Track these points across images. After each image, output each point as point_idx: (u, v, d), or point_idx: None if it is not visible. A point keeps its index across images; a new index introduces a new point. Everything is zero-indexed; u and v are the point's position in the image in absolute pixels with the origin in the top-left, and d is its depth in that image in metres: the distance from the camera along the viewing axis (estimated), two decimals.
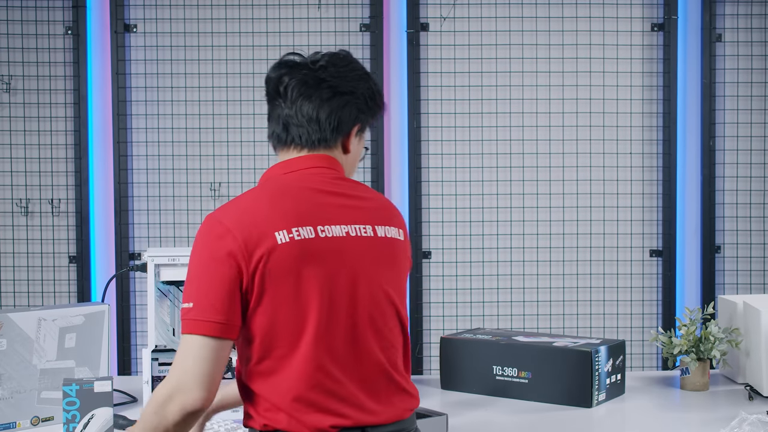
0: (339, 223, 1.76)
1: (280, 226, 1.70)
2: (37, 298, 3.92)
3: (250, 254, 1.67)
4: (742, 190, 3.98)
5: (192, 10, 3.91)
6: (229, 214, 1.71)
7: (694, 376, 2.73)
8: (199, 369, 1.66)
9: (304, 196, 1.77)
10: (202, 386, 1.66)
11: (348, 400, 1.72)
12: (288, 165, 1.87)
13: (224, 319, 1.66)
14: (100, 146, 3.93)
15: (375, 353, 1.77)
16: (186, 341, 1.67)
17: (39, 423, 2.39)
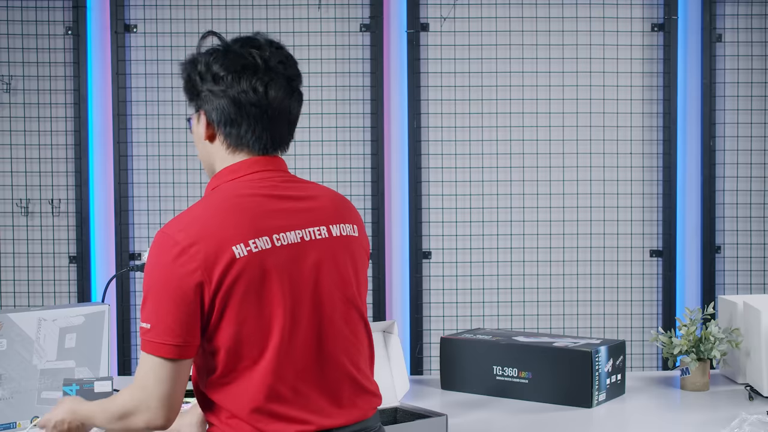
0: (293, 229, 1.73)
1: (237, 240, 1.66)
2: (38, 299, 3.92)
3: (209, 272, 1.63)
4: (743, 190, 3.98)
5: (192, 10, 3.91)
6: (183, 231, 1.66)
7: (694, 376, 2.73)
8: (159, 390, 1.65)
9: (256, 204, 1.73)
10: (163, 406, 1.66)
11: (309, 407, 1.71)
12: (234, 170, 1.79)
13: (181, 341, 1.64)
14: (100, 146, 3.93)
15: (338, 358, 1.76)
16: (146, 360, 1.66)
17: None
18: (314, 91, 3.91)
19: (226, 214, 1.70)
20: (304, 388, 1.71)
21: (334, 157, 3.93)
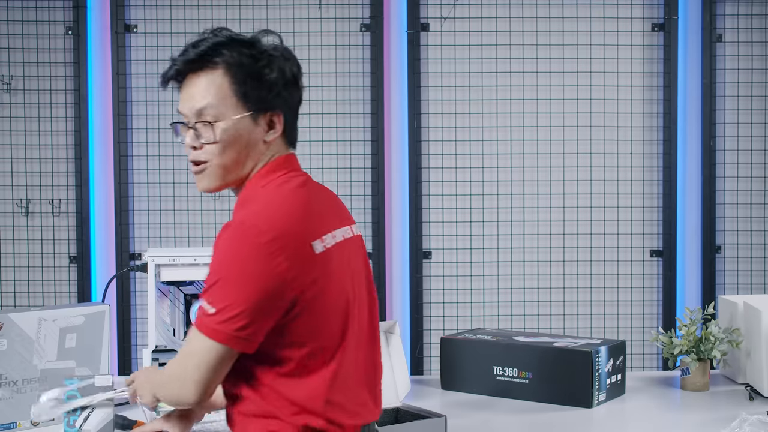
0: (339, 227, 1.75)
1: (314, 235, 1.66)
2: (38, 299, 3.92)
3: (294, 266, 1.61)
4: (743, 190, 3.98)
5: (192, 10, 3.91)
6: (267, 223, 1.61)
7: (694, 376, 2.73)
8: (201, 375, 1.62)
9: (316, 201, 1.73)
10: (198, 392, 1.64)
11: (359, 401, 1.75)
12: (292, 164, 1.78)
13: (249, 334, 1.60)
14: (101, 146, 3.93)
15: (376, 355, 1.82)
16: (200, 342, 1.61)
17: (39, 423, 2.39)
18: (314, 91, 3.91)
19: (301, 209, 1.67)
20: (357, 382, 1.75)
21: (334, 157, 3.93)
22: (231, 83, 1.69)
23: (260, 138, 1.72)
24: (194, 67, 1.73)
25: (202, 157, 1.71)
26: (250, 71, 1.70)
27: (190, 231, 3.92)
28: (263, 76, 1.70)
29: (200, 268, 2.52)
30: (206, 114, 1.70)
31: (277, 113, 1.73)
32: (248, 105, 1.70)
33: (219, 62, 1.70)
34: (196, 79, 1.73)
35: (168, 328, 2.64)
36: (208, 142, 1.70)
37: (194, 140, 1.71)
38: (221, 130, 1.69)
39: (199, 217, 3.92)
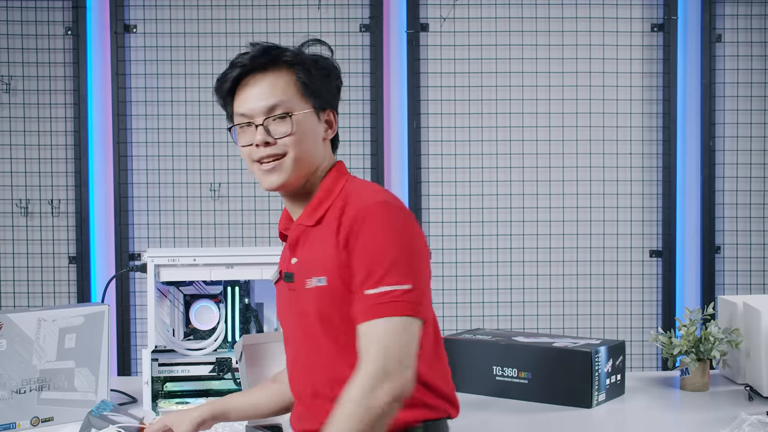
0: None
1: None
2: (37, 299, 3.92)
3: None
4: (742, 190, 3.98)
5: (192, 10, 3.91)
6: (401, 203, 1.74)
7: (694, 376, 2.73)
8: (414, 359, 1.59)
9: None
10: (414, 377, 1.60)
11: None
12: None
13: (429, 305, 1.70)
14: (100, 147, 3.93)
15: None
16: (402, 324, 1.58)
17: (39, 423, 2.39)
18: None
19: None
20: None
21: None
22: (296, 80, 1.76)
23: (321, 135, 1.79)
24: (259, 67, 1.76)
25: (279, 150, 1.74)
26: (312, 69, 1.77)
27: (190, 231, 3.92)
28: (323, 75, 1.78)
29: (200, 268, 2.52)
30: (279, 109, 1.74)
31: (334, 112, 1.81)
32: (312, 101, 1.76)
33: (284, 60, 1.76)
34: (262, 78, 1.77)
35: (168, 328, 2.64)
36: (284, 135, 1.74)
37: (266, 136, 1.74)
38: (296, 123, 1.74)
39: (199, 217, 3.92)
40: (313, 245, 1.75)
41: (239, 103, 1.78)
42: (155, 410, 2.46)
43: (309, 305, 1.73)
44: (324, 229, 1.74)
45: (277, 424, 2.17)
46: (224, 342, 2.66)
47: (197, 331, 2.66)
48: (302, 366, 1.80)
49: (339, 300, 1.68)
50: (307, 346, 1.76)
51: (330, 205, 1.75)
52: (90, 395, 2.47)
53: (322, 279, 1.70)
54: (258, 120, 1.74)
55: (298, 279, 1.77)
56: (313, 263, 1.73)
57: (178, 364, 2.56)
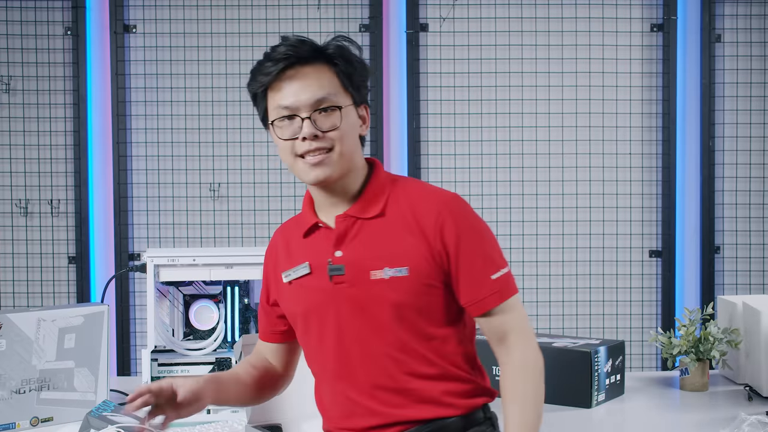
0: None
1: None
2: (37, 299, 3.92)
3: None
4: (742, 190, 3.98)
5: (191, 10, 3.91)
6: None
7: (693, 376, 2.73)
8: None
9: None
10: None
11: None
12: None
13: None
14: (100, 147, 3.93)
15: None
16: (518, 301, 1.77)
17: (38, 423, 2.39)
18: None
19: None
20: None
21: None
22: (338, 74, 1.75)
23: (358, 130, 1.79)
24: (302, 60, 1.74)
25: (326, 144, 1.73)
26: (351, 63, 1.76)
27: (189, 231, 3.92)
28: (360, 72, 1.78)
29: (199, 268, 2.52)
30: (326, 102, 1.73)
31: (367, 107, 1.82)
32: (353, 95, 1.77)
33: (326, 55, 1.75)
34: (305, 71, 1.74)
35: (167, 328, 2.64)
36: (332, 128, 1.73)
37: (313, 128, 1.72)
38: (343, 117, 1.74)
39: (198, 217, 3.92)
40: (377, 238, 1.75)
41: (280, 96, 1.75)
42: None
43: (379, 296, 1.73)
44: (391, 222, 1.75)
45: (277, 424, 2.17)
46: (224, 342, 2.66)
47: (197, 331, 2.66)
48: (362, 360, 1.76)
49: (422, 289, 1.73)
50: (374, 338, 1.75)
51: (386, 198, 1.77)
52: (89, 395, 2.47)
53: (401, 270, 1.72)
54: (304, 113, 1.73)
55: (357, 271, 1.75)
56: (383, 255, 1.74)
57: (178, 364, 2.56)
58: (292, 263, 1.83)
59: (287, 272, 1.83)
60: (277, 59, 1.74)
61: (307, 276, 1.81)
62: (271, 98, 1.77)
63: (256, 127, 3.92)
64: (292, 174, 3.92)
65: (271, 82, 1.75)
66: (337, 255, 1.76)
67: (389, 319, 1.73)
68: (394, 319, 1.73)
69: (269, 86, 1.76)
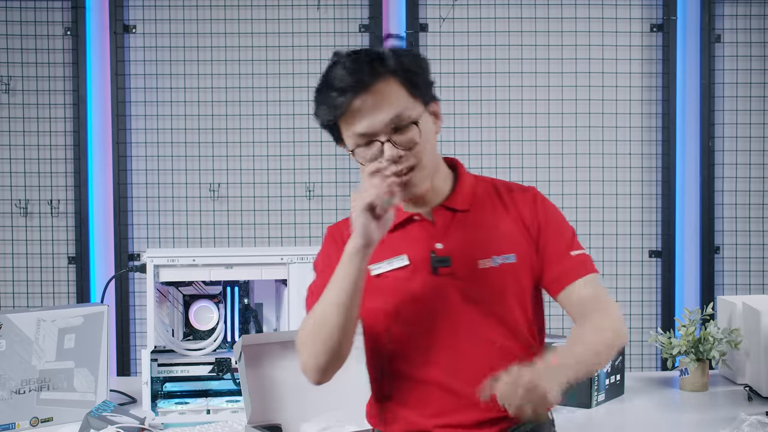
0: None
1: None
2: (36, 299, 3.92)
3: None
4: (742, 190, 3.98)
5: (191, 10, 3.91)
6: None
7: (693, 376, 2.73)
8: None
9: None
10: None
11: None
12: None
13: None
14: (100, 147, 3.93)
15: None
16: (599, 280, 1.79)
17: (38, 424, 2.39)
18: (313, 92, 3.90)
19: None
20: None
21: (333, 157, 3.93)
22: (403, 85, 1.72)
23: (433, 130, 1.77)
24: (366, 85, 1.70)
25: (412, 161, 1.71)
26: (413, 69, 1.74)
27: (189, 231, 3.92)
28: (422, 71, 1.76)
29: (199, 268, 2.52)
30: (400, 120, 1.70)
31: (437, 102, 1.79)
32: (421, 99, 1.74)
33: (386, 72, 1.71)
34: (369, 92, 1.70)
35: (167, 328, 2.64)
36: (412, 144, 1.70)
37: (395, 150, 1.69)
38: (419, 130, 1.71)
39: (198, 217, 3.92)
40: (478, 227, 1.77)
41: (354, 125, 1.71)
42: (155, 410, 2.46)
43: (491, 285, 1.73)
44: (489, 212, 1.79)
45: (276, 424, 2.17)
46: (223, 342, 2.66)
47: (196, 332, 2.66)
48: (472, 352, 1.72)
49: (527, 274, 1.77)
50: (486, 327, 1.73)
51: (478, 190, 1.81)
52: (89, 395, 2.47)
53: (510, 256, 1.75)
54: (382, 137, 1.70)
55: (464, 262, 1.74)
56: (488, 244, 1.75)
57: (178, 364, 2.56)
58: (380, 256, 1.75)
59: (378, 264, 1.76)
60: (342, 89, 1.71)
61: (402, 269, 1.76)
62: (345, 127, 1.74)
63: (256, 128, 3.92)
64: (291, 174, 3.93)
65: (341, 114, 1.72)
66: (439, 247, 1.75)
67: (504, 306, 1.74)
68: (505, 307, 1.74)
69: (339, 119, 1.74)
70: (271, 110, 3.92)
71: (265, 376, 2.19)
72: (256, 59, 3.92)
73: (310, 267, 2.52)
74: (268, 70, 3.92)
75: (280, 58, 3.92)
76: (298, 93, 3.92)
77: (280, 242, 3.92)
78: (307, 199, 3.93)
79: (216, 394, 2.58)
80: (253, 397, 2.15)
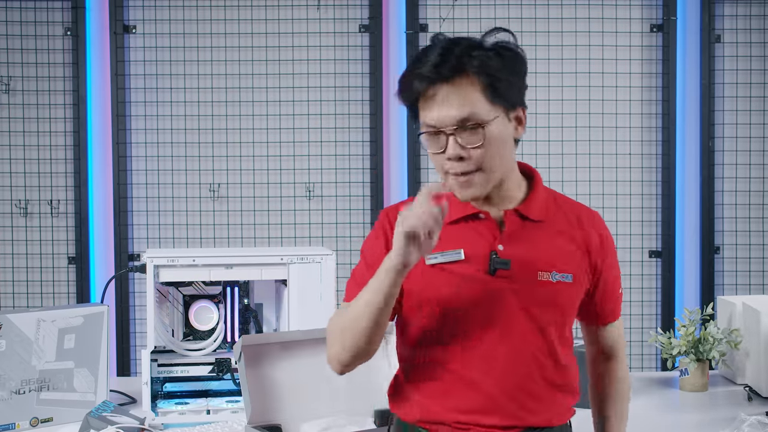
0: None
1: None
2: (36, 299, 3.92)
3: None
4: (742, 190, 3.98)
5: (191, 11, 3.91)
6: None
7: (693, 376, 2.73)
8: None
9: None
10: None
11: None
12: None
13: None
14: (100, 147, 3.93)
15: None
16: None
17: (38, 424, 2.39)
18: (313, 92, 3.91)
19: None
20: None
21: (333, 157, 3.93)
22: (483, 87, 1.72)
23: (512, 135, 1.79)
24: (445, 78, 1.70)
25: (471, 167, 1.72)
26: (499, 71, 1.75)
27: (189, 232, 3.92)
28: (510, 75, 1.78)
29: (199, 268, 2.52)
30: (469, 121, 1.70)
31: (523, 108, 1.81)
32: (501, 105, 1.74)
33: (469, 69, 1.71)
34: (448, 87, 1.71)
35: (167, 328, 2.64)
36: (475, 146, 1.70)
37: (459, 149, 1.70)
38: (486, 134, 1.71)
39: (198, 217, 3.92)
40: (544, 240, 1.77)
41: (426, 112, 1.73)
42: (155, 411, 2.46)
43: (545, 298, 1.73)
44: (557, 229, 1.79)
45: (276, 425, 2.17)
46: (223, 342, 2.66)
47: (196, 332, 2.66)
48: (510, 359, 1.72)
49: (577, 297, 1.78)
50: (530, 338, 1.73)
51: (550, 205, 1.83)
52: (89, 396, 2.47)
53: (567, 276, 1.75)
54: (448, 130, 1.71)
55: (524, 269, 1.73)
56: (551, 258, 1.75)
57: (178, 364, 2.56)
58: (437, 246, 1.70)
59: (434, 255, 1.74)
60: (423, 76, 1.71)
61: (457, 263, 1.75)
62: (421, 111, 1.76)
63: (256, 128, 3.92)
64: (291, 174, 3.93)
65: (417, 98, 1.74)
66: (500, 249, 1.74)
67: (549, 321, 1.74)
68: (552, 323, 1.74)
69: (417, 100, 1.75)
70: (271, 110, 3.92)
71: (265, 376, 2.19)
72: (256, 59, 3.92)
73: (310, 267, 2.52)
74: (268, 70, 3.92)
75: (280, 58, 3.92)
76: (298, 93, 3.92)
77: (280, 242, 3.92)
78: (307, 200, 3.93)
79: (216, 394, 2.59)
80: (253, 398, 2.15)
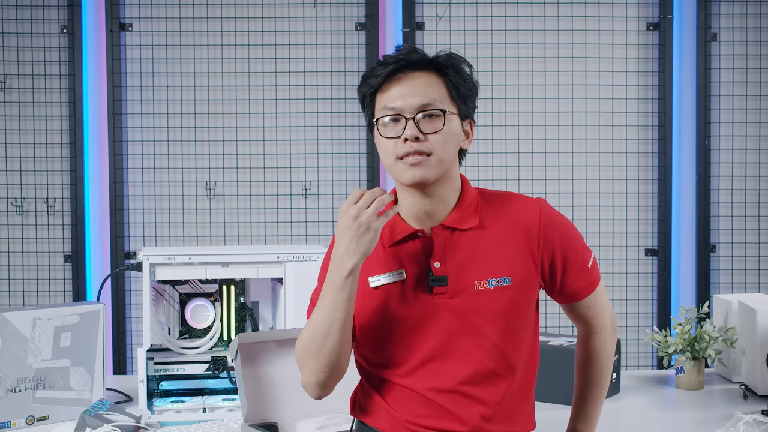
0: None
1: None
2: (32, 298, 3.91)
3: None
4: (738, 189, 3.99)
5: (187, 8, 3.91)
6: None
7: (689, 375, 2.73)
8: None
9: None
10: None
11: None
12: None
13: None
14: (96, 145, 3.92)
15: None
16: (603, 286, 2.00)
17: (34, 422, 2.39)
18: (309, 90, 3.91)
19: None
20: None
21: (329, 156, 3.93)
22: (447, 85, 1.77)
23: (460, 140, 1.80)
24: (413, 64, 1.77)
25: (425, 148, 1.74)
26: (463, 78, 1.79)
27: (185, 230, 3.92)
28: (470, 86, 1.80)
29: (195, 267, 2.52)
30: (431, 107, 1.75)
31: (472, 123, 1.83)
32: (458, 107, 1.78)
33: (436, 63, 1.78)
34: (414, 76, 1.77)
35: (163, 327, 2.64)
36: (434, 131, 1.74)
37: (417, 131, 1.74)
38: (446, 122, 1.75)
39: (194, 216, 3.92)
40: (477, 248, 1.77)
41: (388, 99, 1.76)
42: (151, 409, 2.46)
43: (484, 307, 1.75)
44: (489, 233, 1.78)
45: (272, 423, 2.17)
46: (219, 341, 2.66)
47: (192, 330, 2.66)
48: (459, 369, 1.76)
49: (523, 297, 1.79)
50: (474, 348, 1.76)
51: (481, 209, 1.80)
52: (85, 394, 2.47)
53: (505, 279, 1.77)
54: (408, 114, 1.75)
55: (459, 282, 1.76)
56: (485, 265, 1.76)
57: (174, 362, 2.56)
58: (380, 268, 1.79)
59: (377, 277, 1.80)
60: (388, 63, 1.77)
61: (399, 283, 1.79)
62: (379, 100, 1.78)
63: (252, 126, 3.91)
64: (288, 173, 3.93)
65: (380, 84, 1.78)
66: (437, 266, 1.77)
67: (491, 329, 1.76)
68: (495, 330, 1.76)
69: (378, 89, 1.79)
70: (268, 108, 3.92)
71: (261, 374, 2.19)
72: (252, 57, 3.92)
73: (306, 265, 2.52)
74: (264, 68, 3.92)
75: (276, 57, 3.92)
76: (294, 91, 3.92)
77: (276, 240, 3.92)
78: (303, 198, 3.93)
79: (212, 392, 2.58)
80: (249, 396, 2.15)
